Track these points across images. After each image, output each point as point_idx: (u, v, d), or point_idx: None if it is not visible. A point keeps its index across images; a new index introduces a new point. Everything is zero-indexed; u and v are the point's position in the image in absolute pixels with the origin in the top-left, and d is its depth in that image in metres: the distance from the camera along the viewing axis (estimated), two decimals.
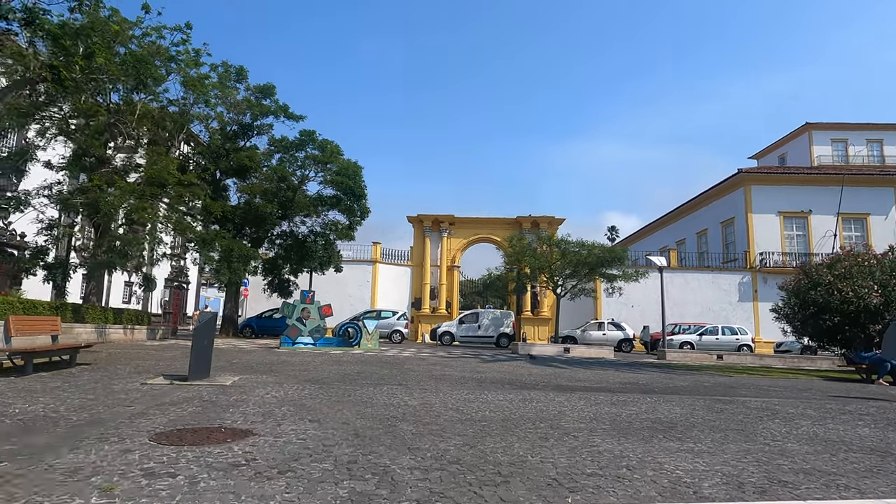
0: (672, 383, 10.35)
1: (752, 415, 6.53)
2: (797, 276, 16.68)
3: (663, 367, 15.21)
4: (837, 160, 42.95)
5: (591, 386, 9.34)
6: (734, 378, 12.17)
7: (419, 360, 14.19)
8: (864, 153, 44.70)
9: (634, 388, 9.12)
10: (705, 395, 8.57)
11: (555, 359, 17.90)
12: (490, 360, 15.86)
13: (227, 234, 22.98)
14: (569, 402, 7.08)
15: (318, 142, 26.43)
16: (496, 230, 36.64)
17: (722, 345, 25.06)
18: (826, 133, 44.99)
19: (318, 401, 6.32)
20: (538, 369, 12.78)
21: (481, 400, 6.92)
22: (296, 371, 9.95)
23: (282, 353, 15.47)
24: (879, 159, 44.15)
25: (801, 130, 45.66)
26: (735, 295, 32.99)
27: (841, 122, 45.17)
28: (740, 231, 34.78)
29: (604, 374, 12.18)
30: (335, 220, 27.45)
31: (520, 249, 24.15)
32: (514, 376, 10.65)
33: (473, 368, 12.17)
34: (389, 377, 9.47)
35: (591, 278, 25.37)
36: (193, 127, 24.64)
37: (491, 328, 26.60)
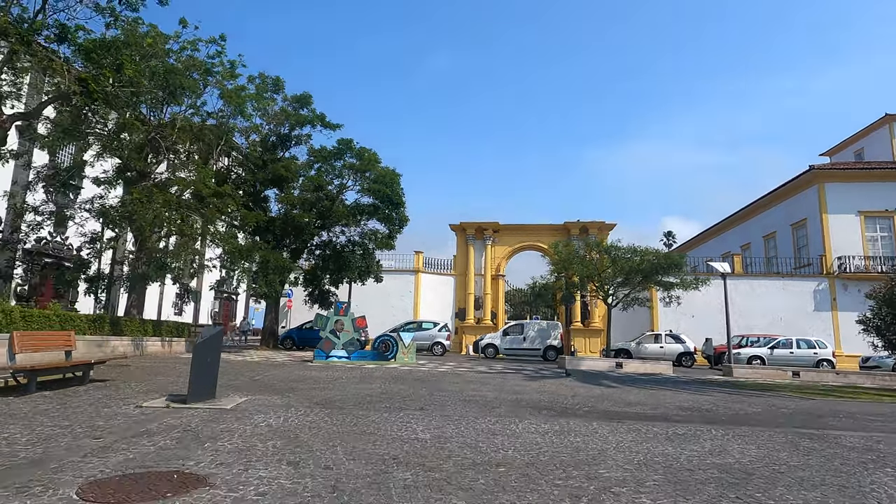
0: (742, 409, 8.95)
1: (851, 459, 5.21)
2: (889, 282, 14.66)
3: (730, 387, 13.59)
4: None
5: (643, 412, 8.12)
6: (817, 402, 10.54)
7: (454, 377, 13.25)
8: None
9: (696, 416, 7.83)
10: (786, 426, 7.20)
11: (605, 375, 16.51)
12: (532, 376, 14.71)
13: (264, 246, 22.92)
14: (614, 435, 5.96)
15: (355, 150, 26.16)
16: (542, 237, 35.30)
17: (798, 360, 22.73)
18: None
19: (316, 432, 5.51)
20: (584, 389, 11.56)
21: (508, 432, 5.91)
22: (314, 390, 9.23)
23: (313, 367, 14.90)
24: None
25: (881, 122, 41.87)
26: (810, 304, 30.21)
27: None
28: (814, 233, 31.94)
29: (659, 395, 10.84)
30: (374, 229, 27.02)
31: (566, 256, 22.84)
32: (554, 398, 9.53)
33: (512, 387, 11.11)
34: (413, 399, 8.58)
35: (646, 286, 23.70)
36: (235, 139, 24.92)
37: (537, 340, 25.31)
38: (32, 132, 19.95)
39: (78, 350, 14.36)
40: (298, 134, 26.39)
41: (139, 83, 14.82)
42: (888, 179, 31.58)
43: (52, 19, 13.63)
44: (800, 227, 33.59)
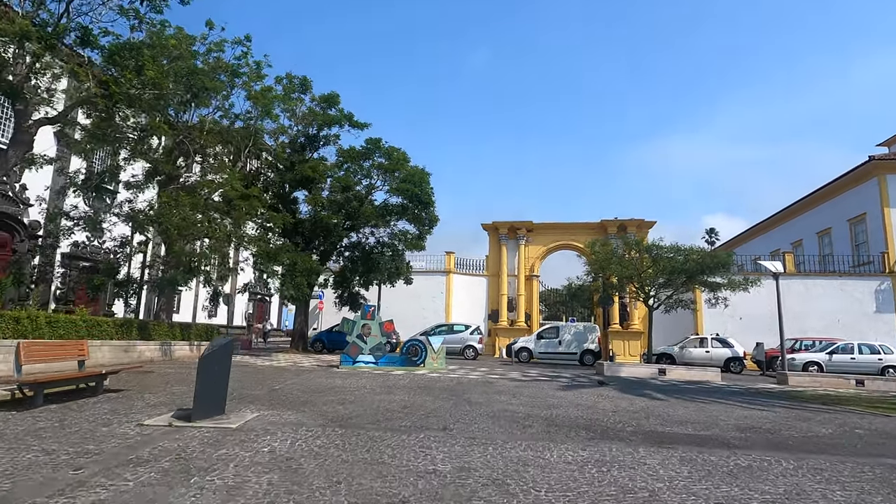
0: (810, 429, 7.92)
1: None
2: None
3: (788, 399, 12.40)
4: None
5: (695, 433, 7.22)
6: (881, 418, 9.36)
7: (484, 386, 12.52)
8: None
9: (758, 439, 6.89)
10: (868, 455, 6.20)
11: (647, 384, 15.47)
12: (568, 386, 13.83)
13: (291, 248, 22.69)
14: (665, 468, 5.13)
15: (384, 149, 25.70)
16: (578, 236, 34.16)
17: (860, 366, 21.03)
18: None
19: (322, 462, 4.89)
20: (625, 401, 10.65)
21: (541, 463, 5.16)
22: (332, 404, 8.67)
23: (338, 374, 14.43)
24: None
25: None
26: (871, 305, 28.15)
27: None
28: (875, 229, 29.77)
29: (710, 409, 9.84)
30: (404, 230, 26.51)
31: (604, 256, 21.76)
32: (593, 413, 8.69)
33: (545, 399, 10.31)
34: (437, 415, 7.91)
35: (690, 287, 22.39)
36: (264, 140, 24.86)
37: (573, 344, 24.29)
38: (66, 137, 20.28)
39: (104, 356, 14.34)
40: (327, 134, 26.12)
41: (162, 85, 14.66)
42: None
43: (76, 23, 13.58)
44: (858, 223, 31.40)
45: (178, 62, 16.81)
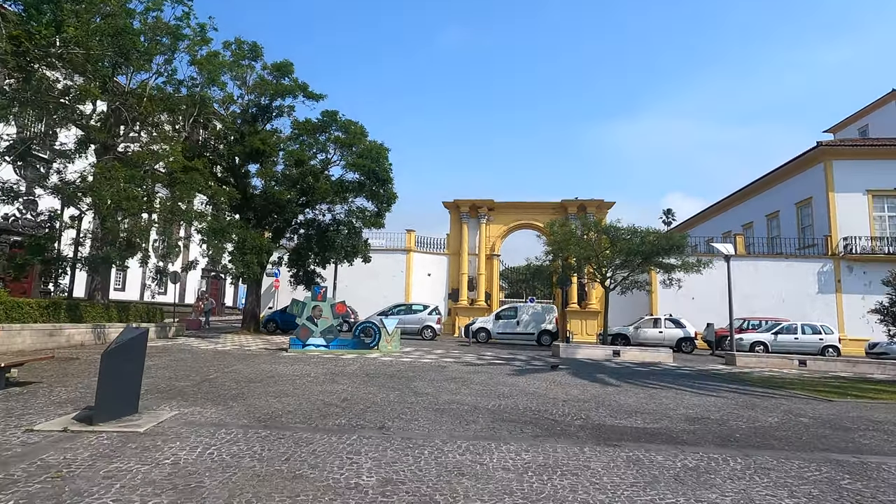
0: (757, 418, 7.79)
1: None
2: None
3: (737, 382, 12.47)
4: None
5: (644, 426, 6.95)
6: (837, 406, 9.41)
7: (436, 371, 12.10)
8: None
9: (706, 434, 6.66)
10: (814, 449, 6.03)
11: (602, 366, 15.40)
12: (522, 370, 13.56)
13: (241, 224, 21.60)
14: (609, 473, 4.76)
15: (340, 122, 24.65)
16: (539, 215, 33.98)
17: (803, 346, 21.70)
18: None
19: (230, 476, 4.29)
20: (577, 388, 10.41)
21: (478, 470, 4.71)
22: (267, 396, 8.03)
23: (284, 359, 13.74)
24: None
25: (888, 98, 40.27)
26: (813, 285, 29.12)
27: None
28: (819, 213, 30.68)
29: (662, 397, 9.69)
30: (362, 207, 25.66)
31: (563, 237, 21.54)
32: (543, 403, 8.36)
33: (496, 388, 9.95)
34: (378, 408, 7.40)
35: (646, 269, 22.48)
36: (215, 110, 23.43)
37: (531, 324, 24.20)
38: None
39: (25, 341, 13.19)
40: (280, 105, 24.82)
41: (88, 45, 13.27)
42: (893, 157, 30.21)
43: None
44: (805, 206, 32.31)
45: (111, 20, 15.34)
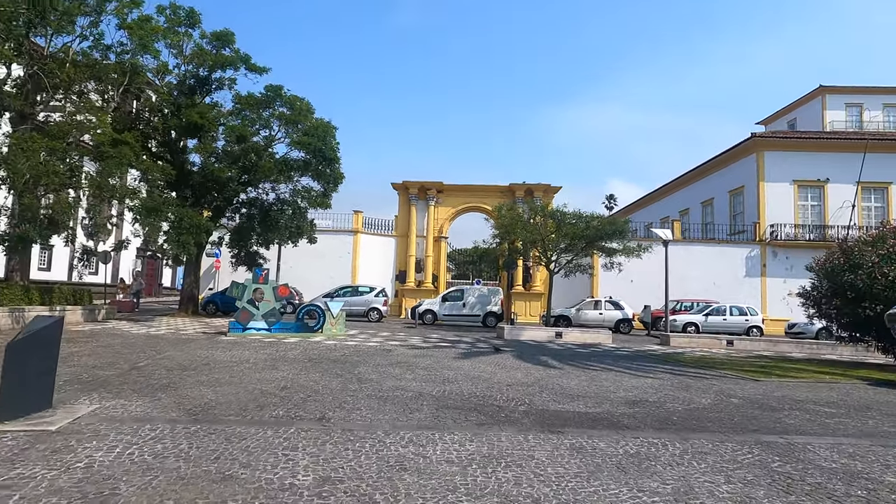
0: (692, 401, 8.02)
1: (838, 491, 4.18)
2: (831, 254, 14.30)
3: (671, 363, 12.92)
4: (851, 126, 40.13)
5: (587, 411, 6.99)
6: (763, 385, 9.87)
7: (381, 356, 11.85)
8: (879, 118, 41.79)
9: (646, 417, 6.77)
10: (745, 430, 6.22)
11: (545, 348, 15.62)
12: (467, 353, 13.53)
13: (177, 202, 20.37)
14: (553, 463, 4.70)
15: (285, 98, 23.56)
16: (487, 198, 34.07)
17: (730, 326, 22.90)
18: (840, 97, 41.98)
19: (149, 481, 3.91)
20: (522, 371, 10.45)
21: (419, 465, 4.52)
22: (200, 386, 7.55)
23: (222, 343, 13.10)
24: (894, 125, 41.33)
25: (815, 94, 42.66)
26: (742, 269, 30.76)
27: (857, 86, 42.15)
28: (750, 201, 32.29)
29: (603, 379, 9.86)
30: (308, 186, 24.78)
31: (510, 220, 21.63)
32: (488, 388, 8.30)
33: (441, 372, 9.82)
34: (319, 397, 7.09)
35: (589, 252, 22.98)
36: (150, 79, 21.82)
37: (477, 306, 24.32)
38: None
39: None
40: (220, 77, 23.41)
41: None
42: (820, 150, 32.11)
43: None
44: (737, 194, 33.92)
45: None
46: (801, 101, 43.34)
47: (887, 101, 41.85)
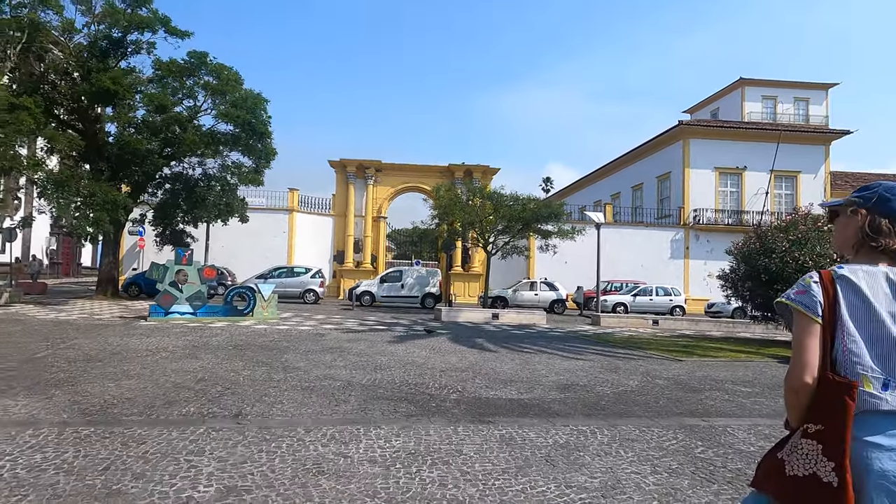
0: (620, 383, 8.11)
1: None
2: (748, 239, 15.02)
3: (601, 344, 13.20)
4: (766, 117, 42.57)
5: (518, 397, 6.88)
6: (686, 366, 10.21)
7: (313, 340, 11.33)
8: (791, 111, 44.57)
9: (576, 403, 6.73)
10: (669, 414, 6.30)
11: (481, 330, 15.59)
12: (403, 336, 13.24)
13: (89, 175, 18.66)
14: (482, 458, 4.49)
15: (211, 66, 22.00)
16: (426, 178, 33.60)
17: (656, 306, 23.90)
18: (758, 89, 44.35)
19: (16, 502, 3.33)
20: (456, 355, 10.28)
21: (339, 467, 4.17)
22: (104, 379, 6.81)
23: (140, 329, 12.11)
24: (804, 118, 44.22)
25: (735, 86, 44.85)
26: (667, 252, 32.15)
27: (772, 80, 44.62)
28: (676, 186, 33.68)
29: (536, 362, 9.86)
30: (238, 162, 23.41)
31: (448, 201, 21.36)
32: (421, 375, 8.03)
33: (374, 358, 9.46)
34: (239, 390, 6.56)
35: (525, 234, 23.15)
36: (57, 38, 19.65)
37: (415, 288, 24.05)
38: None
39: None
40: (137, 40, 21.51)
41: None
42: (739, 139, 33.84)
43: None
44: (664, 180, 35.26)
45: None
46: (723, 92, 45.46)
47: (798, 94, 44.64)
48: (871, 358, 1.39)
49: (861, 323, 1.42)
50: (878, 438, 1.35)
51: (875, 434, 1.35)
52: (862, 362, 1.39)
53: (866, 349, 1.40)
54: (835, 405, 1.37)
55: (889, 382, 1.38)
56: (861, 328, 1.41)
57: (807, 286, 1.49)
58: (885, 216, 1.49)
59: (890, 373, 1.38)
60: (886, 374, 1.38)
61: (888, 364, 1.39)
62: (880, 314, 1.40)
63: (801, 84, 44.30)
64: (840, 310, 1.43)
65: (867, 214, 1.52)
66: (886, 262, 1.48)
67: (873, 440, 1.35)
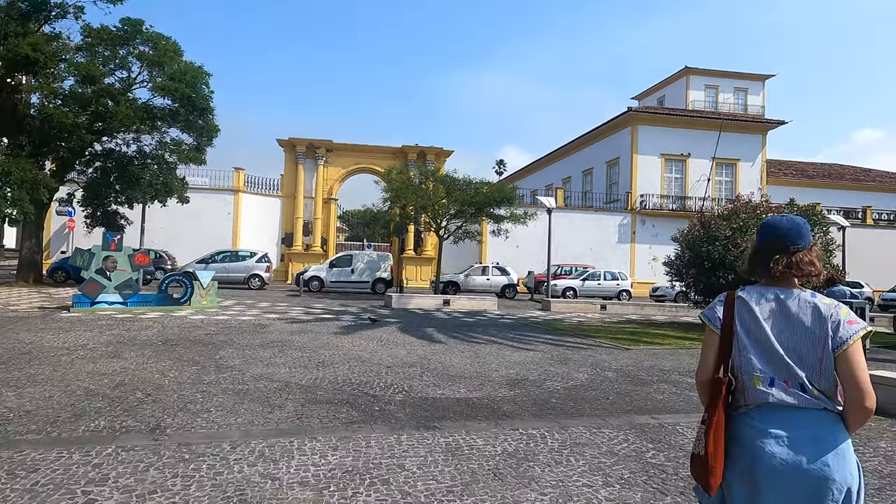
0: (570, 377, 7.95)
1: None
2: (692, 226, 15.27)
3: (552, 332, 13.13)
4: (708, 105, 43.86)
5: (467, 396, 6.56)
6: (635, 356, 10.21)
7: (253, 333, 10.66)
8: (731, 100, 46.07)
9: (525, 401, 6.48)
10: (619, 411, 6.15)
11: (431, 318, 15.25)
12: (351, 325, 12.72)
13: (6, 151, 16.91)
14: (425, 473, 4.12)
15: (147, 35, 20.35)
16: (379, 160, 32.77)
17: (604, 290, 24.27)
18: (701, 78, 45.58)
19: None
20: (405, 347, 9.89)
21: (264, 494, 3.69)
22: (4, 386, 6.01)
23: (60, 322, 11.05)
24: (743, 107, 45.85)
25: (681, 74, 45.88)
26: (614, 236, 32.76)
27: (715, 69, 45.91)
28: (624, 171, 34.23)
29: (486, 354, 9.61)
30: (178, 139, 21.91)
31: (400, 184, 20.74)
32: (366, 372, 7.59)
33: (317, 353, 8.93)
34: (161, 396, 5.92)
35: (478, 219, 22.87)
36: None
37: (366, 273, 23.42)
38: None
39: None
40: (62, 2, 19.53)
41: None
42: (684, 126, 34.66)
43: None
44: (613, 165, 35.78)
45: None
46: (669, 80, 46.44)
47: (737, 84, 46.17)
48: (758, 362, 1.69)
49: (751, 334, 1.72)
50: (766, 426, 1.65)
51: (764, 422, 1.65)
52: (752, 365, 1.70)
53: (754, 355, 1.70)
54: (713, 397, 1.71)
55: (774, 380, 1.66)
56: (751, 338, 1.72)
57: (714, 305, 1.84)
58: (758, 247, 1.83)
59: (774, 373, 1.67)
60: (771, 374, 1.67)
61: (771, 366, 1.68)
62: (764, 327, 1.71)
63: (741, 74, 45.81)
64: (735, 324, 1.75)
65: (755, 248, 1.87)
66: (778, 284, 1.76)
67: (763, 427, 1.65)
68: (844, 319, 1.63)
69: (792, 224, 1.78)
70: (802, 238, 1.74)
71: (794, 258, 1.73)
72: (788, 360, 1.65)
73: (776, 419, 1.63)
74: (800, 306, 1.69)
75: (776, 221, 1.81)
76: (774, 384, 1.65)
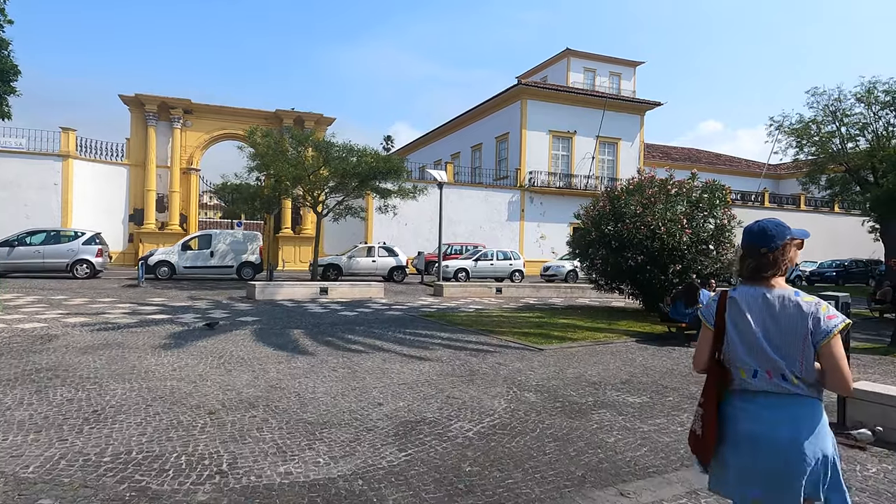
0: (482, 409, 5.63)
1: None
2: (595, 202, 13.82)
3: (448, 328, 10.84)
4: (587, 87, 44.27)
5: (323, 482, 3.90)
6: (552, 359, 8.23)
7: (28, 353, 6.97)
8: (606, 84, 47.02)
9: (423, 476, 3.98)
10: (571, 483, 3.88)
11: (303, 313, 12.25)
12: (186, 332, 9.33)
13: None
14: None
15: None
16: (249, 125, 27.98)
17: (497, 271, 22.71)
18: (581, 61, 45.82)
19: None
20: (250, 370, 6.92)
21: None
22: None
23: None
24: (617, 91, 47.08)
25: (562, 55, 45.77)
26: (504, 214, 31.57)
27: (593, 53, 46.44)
28: (514, 147, 33.04)
29: (366, 372, 7.00)
30: None
31: (266, 149, 17.08)
32: (168, 428, 4.58)
33: (106, 390, 5.66)
34: None
35: (362, 193, 19.92)
36: None
37: (229, 256, 19.50)
38: None
39: None
40: None
41: None
42: (571, 103, 34.22)
43: None
44: (503, 141, 34.46)
45: None
46: (552, 61, 46.19)
47: (612, 69, 47.21)
48: (745, 354, 1.95)
49: (739, 330, 1.97)
50: (745, 406, 1.95)
51: (744, 404, 1.95)
52: (739, 357, 1.97)
53: (741, 348, 1.96)
54: (708, 382, 2.04)
55: (757, 371, 1.92)
56: (739, 334, 1.97)
57: (710, 303, 2.11)
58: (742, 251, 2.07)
59: (757, 365, 1.92)
60: (755, 366, 1.93)
61: (755, 358, 1.93)
62: (751, 324, 1.94)
63: (615, 60, 46.85)
64: (726, 321, 2.01)
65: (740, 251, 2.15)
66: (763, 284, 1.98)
67: (748, 409, 1.94)
68: (824, 315, 1.84)
69: (759, 228, 1.99)
70: (769, 240, 1.95)
71: (762, 260, 1.96)
72: (771, 354, 1.89)
73: (760, 404, 1.91)
74: (783, 304, 1.91)
75: (748, 227, 2.04)
76: (757, 375, 1.92)
